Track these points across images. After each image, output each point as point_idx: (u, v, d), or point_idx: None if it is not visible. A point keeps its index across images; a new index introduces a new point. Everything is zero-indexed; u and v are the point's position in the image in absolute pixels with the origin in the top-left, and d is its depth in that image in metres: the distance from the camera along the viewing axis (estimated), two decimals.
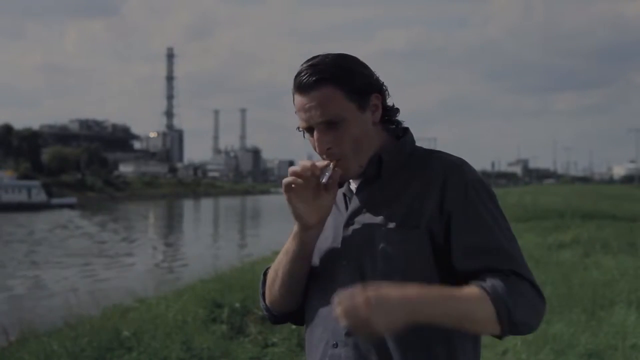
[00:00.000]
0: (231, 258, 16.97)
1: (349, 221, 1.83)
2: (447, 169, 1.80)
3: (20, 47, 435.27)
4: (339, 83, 1.78)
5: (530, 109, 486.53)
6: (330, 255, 1.85)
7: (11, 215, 58.27)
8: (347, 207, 1.87)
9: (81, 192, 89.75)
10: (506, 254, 1.74)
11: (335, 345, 1.78)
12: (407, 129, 1.93)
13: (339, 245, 1.83)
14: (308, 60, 1.83)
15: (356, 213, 1.83)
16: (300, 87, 1.80)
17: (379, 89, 1.85)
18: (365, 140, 1.82)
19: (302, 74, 1.80)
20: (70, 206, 74.11)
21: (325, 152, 1.80)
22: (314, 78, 1.78)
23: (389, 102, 1.90)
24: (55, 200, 77.11)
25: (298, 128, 1.86)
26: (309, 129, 1.81)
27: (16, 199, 73.65)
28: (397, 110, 1.91)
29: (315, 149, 1.83)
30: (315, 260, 1.89)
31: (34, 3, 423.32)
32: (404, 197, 1.79)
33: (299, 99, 1.81)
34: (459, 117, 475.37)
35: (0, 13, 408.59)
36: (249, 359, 6.53)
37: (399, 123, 1.92)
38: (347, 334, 1.76)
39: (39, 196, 76.82)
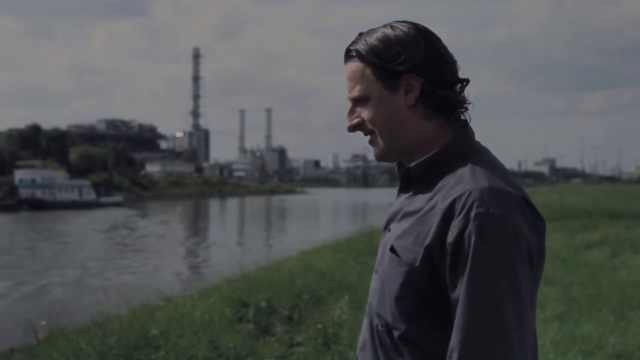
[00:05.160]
0: (257, 257, 16.98)
1: (386, 226, 1.73)
2: (463, 192, 1.52)
3: (49, 47, 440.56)
4: (366, 60, 1.66)
5: (558, 107, 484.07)
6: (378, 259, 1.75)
7: (67, 213, 60.83)
8: None
9: (108, 191, 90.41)
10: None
11: (357, 358, 1.76)
12: (462, 127, 1.69)
13: (379, 252, 1.73)
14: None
15: (392, 219, 1.71)
16: (344, 55, 1.72)
17: (415, 69, 1.63)
18: (392, 123, 1.66)
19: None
20: (118, 204, 76.92)
21: (350, 128, 1.71)
22: (348, 49, 1.70)
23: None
24: (104, 199, 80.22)
25: None
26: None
27: (69, 197, 76.33)
28: (453, 100, 1.66)
29: None
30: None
31: (63, 3, 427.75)
32: (417, 220, 1.58)
33: None
34: (485, 116, 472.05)
35: (30, 13, 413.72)
36: (275, 358, 6.52)
37: (459, 115, 1.69)
38: (361, 349, 1.72)
39: (90, 195, 79.56)
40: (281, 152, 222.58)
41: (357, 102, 1.69)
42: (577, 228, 18.82)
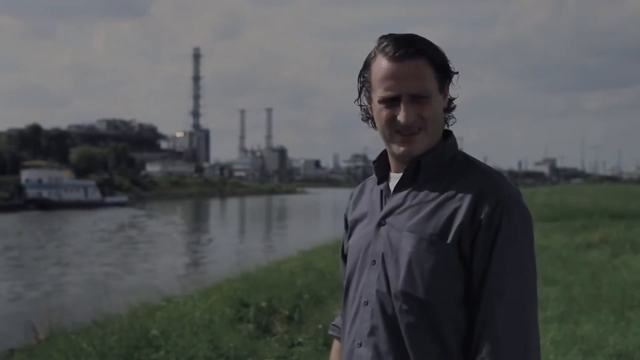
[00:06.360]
0: (257, 257, 17.00)
1: (382, 221, 1.81)
2: (484, 181, 1.74)
3: (50, 47, 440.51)
4: (432, 59, 1.75)
5: (558, 107, 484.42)
6: (363, 253, 1.84)
7: (73, 213, 61.68)
8: (382, 207, 1.85)
9: (109, 191, 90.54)
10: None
11: (360, 345, 1.79)
12: (450, 132, 1.87)
13: (370, 245, 1.82)
14: (393, 34, 1.78)
15: (389, 213, 1.80)
16: (396, 54, 1.73)
17: (451, 77, 1.82)
18: (438, 122, 1.80)
19: (397, 42, 1.75)
20: (122, 205, 77.61)
21: (409, 125, 1.75)
22: (413, 48, 1.73)
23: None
24: (108, 199, 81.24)
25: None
26: (392, 100, 1.75)
27: (74, 197, 77.46)
28: (455, 106, 1.87)
29: (385, 122, 1.78)
30: (351, 256, 1.89)
31: (63, 3, 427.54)
32: (437, 206, 1.73)
33: (389, 66, 1.74)
34: (486, 116, 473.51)
35: (30, 13, 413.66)
36: (276, 358, 6.53)
37: (447, 119, 1.87)
38: (370, 334, 1.77)
39: (95, 195, 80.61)
40: (281, 152, 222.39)
41: (416, 98, 1.74)
42: (578, 228, 18.82)
